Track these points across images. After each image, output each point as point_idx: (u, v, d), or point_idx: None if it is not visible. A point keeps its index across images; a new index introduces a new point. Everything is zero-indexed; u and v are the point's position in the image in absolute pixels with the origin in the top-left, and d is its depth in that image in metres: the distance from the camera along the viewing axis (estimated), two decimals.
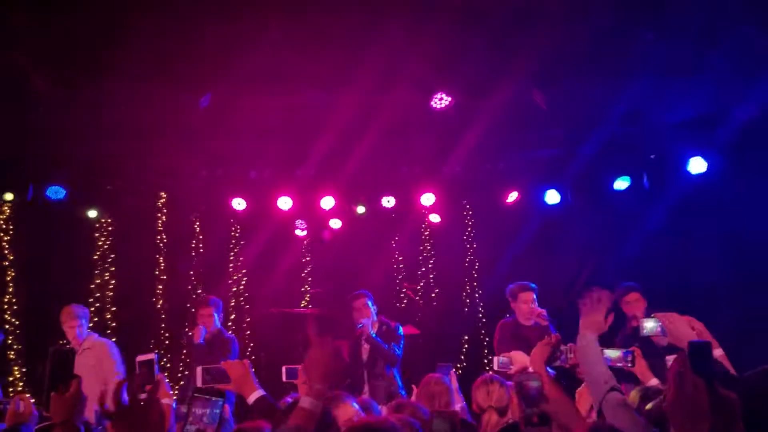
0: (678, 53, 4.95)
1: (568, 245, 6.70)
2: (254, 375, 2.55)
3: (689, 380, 1.55)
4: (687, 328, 2.50)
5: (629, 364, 2.95)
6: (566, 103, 5.69)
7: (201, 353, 4.90)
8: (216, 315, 5.18)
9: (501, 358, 3.72)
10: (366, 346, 4.93)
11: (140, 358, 2.61)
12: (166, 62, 4.88)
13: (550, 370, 2.89)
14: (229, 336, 5.22)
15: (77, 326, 4.84)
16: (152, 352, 3.05)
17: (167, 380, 3.29)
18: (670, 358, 2.81)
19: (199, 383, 2.60)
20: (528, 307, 4.61)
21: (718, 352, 2.61)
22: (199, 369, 2.63)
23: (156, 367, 2.54)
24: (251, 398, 2.44)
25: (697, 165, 6.00)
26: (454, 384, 3.47)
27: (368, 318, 4.88)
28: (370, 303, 4.97)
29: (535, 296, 4.67)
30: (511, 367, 3.63)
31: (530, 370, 2.77)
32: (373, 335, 4.87)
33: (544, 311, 4.60)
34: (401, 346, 4.93)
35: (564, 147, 6.49)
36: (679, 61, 5.07)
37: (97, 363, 4.71)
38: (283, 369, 3.22)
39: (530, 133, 6.32)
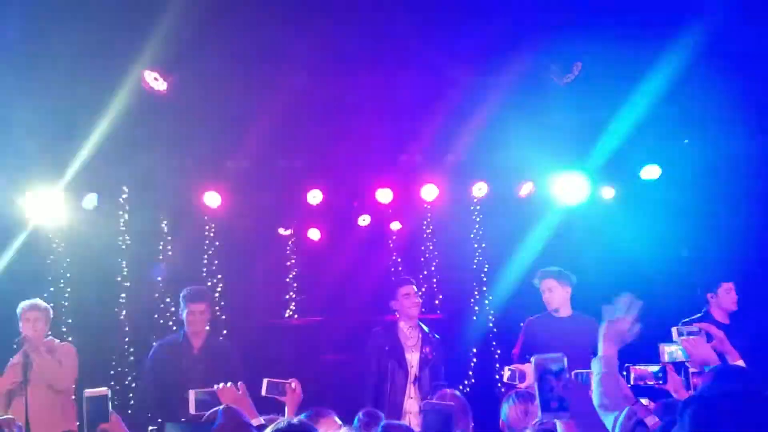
0: None
1: (592, 244, 6.71)
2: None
3: None
4: (709, 351, 2.64)
5: (660, 382, 3.01)
6: (589, 77, 5.72)
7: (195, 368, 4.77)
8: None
9: (509, 370, 3.76)
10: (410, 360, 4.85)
11: (90, 392, 2.67)
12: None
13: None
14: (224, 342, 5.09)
15: (46, 322, 4.94)
16: (105, 387, 2.95)
17: None
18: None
19: (192, 410, 2.72)
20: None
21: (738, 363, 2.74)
22: (191, 393, 2.75)
23: (109, 404, 2.60)
24: None
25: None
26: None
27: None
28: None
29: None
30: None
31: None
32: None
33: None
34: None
35: (588, 131, 6.49)
36: None
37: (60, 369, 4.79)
38: (265, 382, 3.22)
39: (547, 115, 6.33)
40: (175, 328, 6.84)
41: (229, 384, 2.79)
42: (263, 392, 3.23)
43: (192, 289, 5.13)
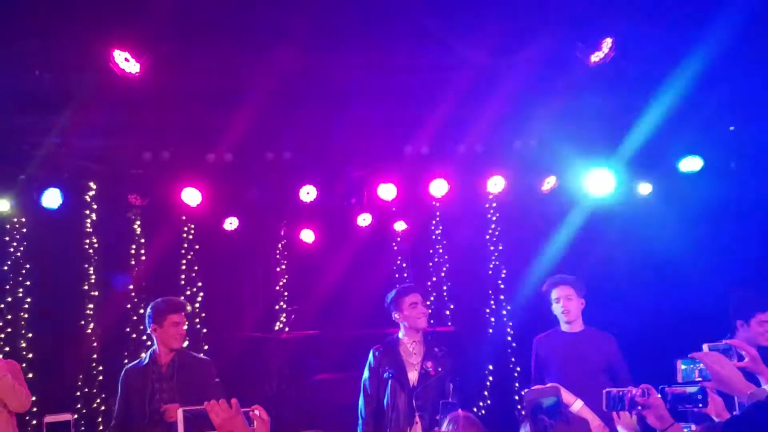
0: None
1: (624, 246, 6.60)
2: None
3: None
4: (736, 372, 2.64)
5: (700, 405, 2.89)
6: (624, 58, 5.53)
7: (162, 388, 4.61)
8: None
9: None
10: (411, 378, 4.69)
11: (51, 419, 2.91)
12: None
13: None
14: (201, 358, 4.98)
15: None
16: (68, 411, 3.14)
17: None
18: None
19: (180, 430, 2.72)
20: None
21: None
22: (180, 412, 2.73)
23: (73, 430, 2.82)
24: None
25: None
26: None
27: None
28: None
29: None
30: None
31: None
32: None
33: None
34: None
35: (620, 119, 6.33)
36: None
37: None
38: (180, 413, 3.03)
39: (574, 100, 6.13)
40: (149, 343, 6.67)
41: (220, 400, 2.74)
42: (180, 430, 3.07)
43: (169, 299, 5.03)
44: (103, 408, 6.58)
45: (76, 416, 2.86)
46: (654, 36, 5.39)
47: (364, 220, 7.20)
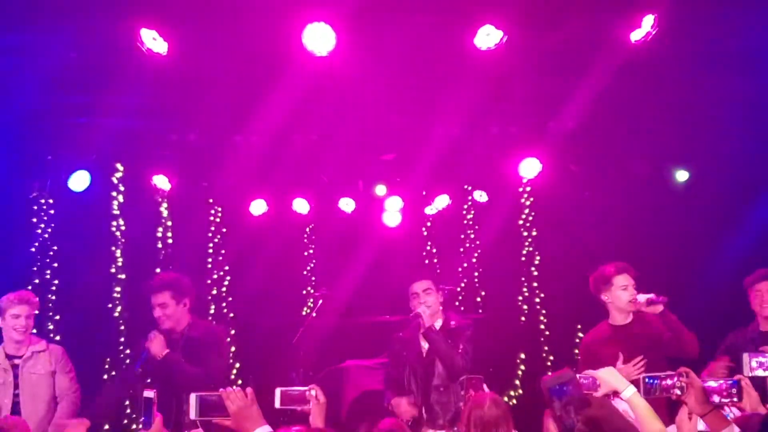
0: None
1: (661, 231, 6.53)
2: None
3: None
4: None
5: (734, 399, 2.98)
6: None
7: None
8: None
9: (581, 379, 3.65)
10: (424, 346, 4.68)
11: (148, 394, 3.00)
12: None
13: None
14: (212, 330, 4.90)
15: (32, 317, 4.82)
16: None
17: None
18: None
19: (193, 415, 2.77)
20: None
21: None
22: (192, 396, 2.76)
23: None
24: None
25: None
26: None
27: (428, 306, 4.67)
28: (433, 289, 4.80)
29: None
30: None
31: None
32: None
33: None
34: (471, 352, 4.68)
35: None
36: None
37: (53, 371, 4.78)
38: (278, 392, 3.14)
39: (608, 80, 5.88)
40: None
41: (236, 388, 2.79)
42: (277, 404, 3.17)
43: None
44: (130, 392, 6.50)
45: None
46: (698, 12, 5.30)
47: (394, 204, 7.18)
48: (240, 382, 6.66)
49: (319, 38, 4.91)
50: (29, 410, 4.67)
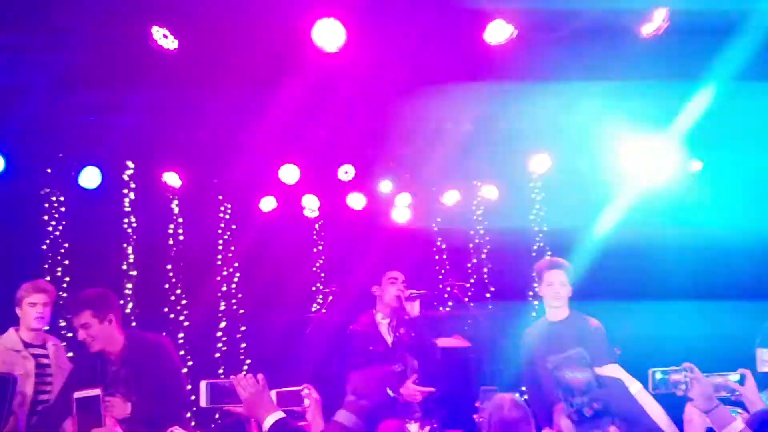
0: None
1: (675, 226, 6.49)
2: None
3: None
4: None
5: (737, 393, 2.99)
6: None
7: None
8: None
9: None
10: (387, 338, 4.68)
11: (79, 394, 2.78)
12: None
13: None
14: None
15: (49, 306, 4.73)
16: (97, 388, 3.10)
17: None
18: None
19: (203, 403, 2.74)
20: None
21: None
22: (203, 384, 2.74)
23: (101, 406, 2.75)
24: (267, 422, 2.59)
25: None
26: None
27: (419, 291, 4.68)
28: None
29: None
30: None
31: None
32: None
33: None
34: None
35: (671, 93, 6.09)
36: None
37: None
38: (273, 393, 3.07)
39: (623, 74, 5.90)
40: (187, 323, 6.86)
41: (247, 374, 2.79)
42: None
43: None
44: None
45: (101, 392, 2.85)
46: (710, 6, 5.27)
47: (404, 200, 7.19)
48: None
49: (328, 34, 4.90)
50: None
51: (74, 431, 2.85)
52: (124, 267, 6.90)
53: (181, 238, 7.12)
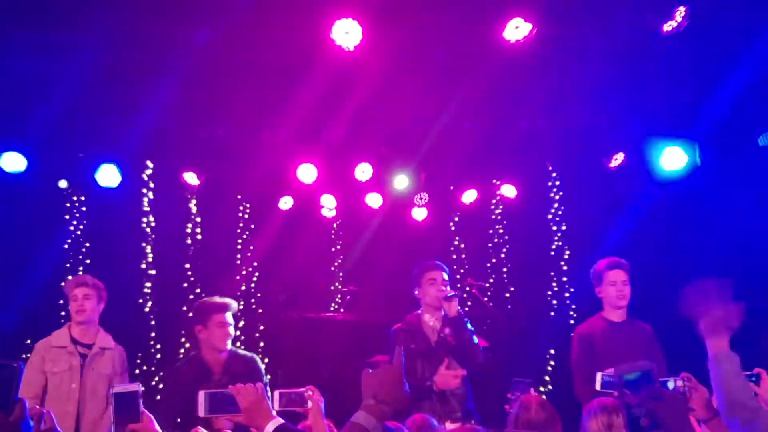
0: None
1: (696, 225, 6.44)
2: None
3: None
4: None
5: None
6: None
7: None
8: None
9: (604, 376, 3.65)
10: (431, 336, 4.63)
11: (118, 389, 2.74)
12: None
13: None
14: None
15: (98, 301, 4.84)
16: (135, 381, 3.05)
17: None
18: None
19: (202, 413, 2.73)
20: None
21: None
22: (201, 394, 2.74)
23: (140, 401, 2.68)
24: (267, 429, 2.54)
25: None
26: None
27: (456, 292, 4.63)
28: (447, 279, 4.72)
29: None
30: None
31: None
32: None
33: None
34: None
35: (693, 90, 6.11)
36: None
37: (113, 373, 4.74)
38: (276, 394, 3.12)
39: (645, 71, 5.95)
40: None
41: (246, 384, 2.74)
42: (276, 407, 3.11)
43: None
44: (161, 386, 6.68)
45: (143, 388, 2.88)
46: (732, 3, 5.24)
47: (421, 199, 7.17)
48: (269, 377, 6.70)
49: (346, 33, 4.93)
50: (91, 407, 4.63)
51: (111, 426, 2.90)
52: (143, 266, 6.95)
53: (200, 237, 7.13)
